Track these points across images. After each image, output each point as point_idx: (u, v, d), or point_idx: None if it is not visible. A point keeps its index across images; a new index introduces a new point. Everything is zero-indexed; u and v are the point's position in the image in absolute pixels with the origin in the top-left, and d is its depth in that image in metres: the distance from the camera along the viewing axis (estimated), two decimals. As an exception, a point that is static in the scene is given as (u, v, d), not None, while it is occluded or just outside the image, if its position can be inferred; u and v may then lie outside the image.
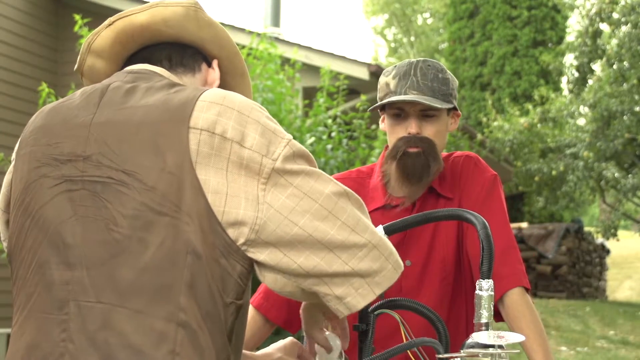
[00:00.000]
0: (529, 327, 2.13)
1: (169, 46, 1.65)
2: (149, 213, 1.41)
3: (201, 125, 1.44)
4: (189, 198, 1.41)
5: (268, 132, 1.47)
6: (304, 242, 1.44)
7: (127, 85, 1.53)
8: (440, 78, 2.28)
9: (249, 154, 1.44)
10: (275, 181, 1.44)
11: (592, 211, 33.06)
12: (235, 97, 1.50)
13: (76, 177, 1.47)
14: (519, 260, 2.24)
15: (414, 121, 2.27)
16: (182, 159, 1.42)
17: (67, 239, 1.45)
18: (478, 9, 20.21)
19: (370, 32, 38.27)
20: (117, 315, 1.39)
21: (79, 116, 1.51)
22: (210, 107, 1.46)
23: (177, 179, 1.41)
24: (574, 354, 9.41)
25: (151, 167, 1.42)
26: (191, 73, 1.65)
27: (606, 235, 14.98)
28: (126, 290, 1.40)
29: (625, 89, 14.08)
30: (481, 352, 1.70)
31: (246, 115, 1.47)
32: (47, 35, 10.18)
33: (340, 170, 7.37)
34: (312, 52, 10.34)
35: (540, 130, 15.79)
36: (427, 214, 2.03)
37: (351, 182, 2.40)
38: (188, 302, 1.39)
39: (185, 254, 1.40)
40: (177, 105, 1.46)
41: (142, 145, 1.44)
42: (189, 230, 1.40)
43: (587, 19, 14.96)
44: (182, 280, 1.39)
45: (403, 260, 2.27)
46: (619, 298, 17.85)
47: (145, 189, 1.42)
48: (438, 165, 2.29)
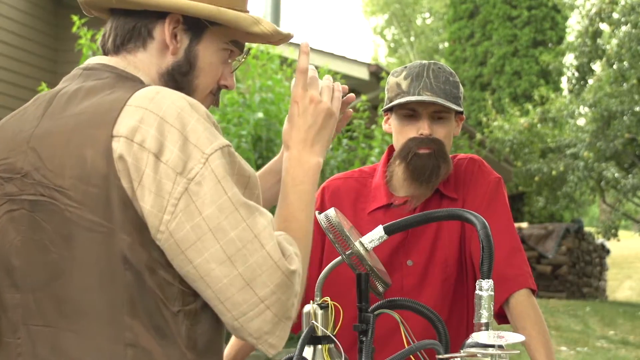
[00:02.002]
0: (532, 328, 2.14)
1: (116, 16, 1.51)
2: (81, 231, 1.34)
3: (122, 132, 1.33)
4: (118, 211, 1.33)
5: (189, 145, 1.33)
6: (196, 282, 1.35)
7: (72, 89, 1.45)
8: (451, 81, 2.29)
9: (163, 170, 1.32)
10: (186, 205, 1.32)
11: (592, 211, 33.07)
12: (164, 100, 1.36)
13: (16, 196, 1.41)
14: (525, 262, 2.24)
15: (426, 122, 2.27)
16: (107, 170, 1.33)
17: (13, 262, 1.40)
18: (478, 9, 20.20)
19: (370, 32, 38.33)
20: (65, 339, 1.36)
21: (23, 130, 1.44)
22: (135, 112, 1.35)
23: (104, 193, 1.33)
24: (574, 354, 9.41)
25: (78, 182, 1.34)
26: (142, 46, 1.49)
27: (606, 235, 14.99)
28: (71, 312, 1.36)
29: (625, 89, 14.08)
30: (481, 352, 1.69)
31: (169, 124, 1.34)
32: (47, 35, 10.18)
33: (340, 170, 7.37)
34: (312, 52, 10.34)
35: (540, 130, 15.79)
36: (428, 213, 2.02)
37: (354, 181, 2.41)
38: (133, 320, 1.34)
39: (123, 270, 1.34)
40: (105, 111, 1.36)
41: (70, 157, 1.36)
42: (123, 246, 1.33)
43: (587, 19, 14.96)
44: (123, 298, 1.34)
45: (404, 260, 2.30)
46: (619, 298, 17.85)
47: (75, 206, 1.34)
48: (447, 167, 2.29)
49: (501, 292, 2.18)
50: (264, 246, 1.35)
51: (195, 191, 1.32)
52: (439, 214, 2.03)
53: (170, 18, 1.48)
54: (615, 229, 14.98)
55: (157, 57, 1.50)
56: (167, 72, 1.51)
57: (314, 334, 1.84)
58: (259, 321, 1.36)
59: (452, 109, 2.26)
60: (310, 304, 1.88)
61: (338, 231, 1.86)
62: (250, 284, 1.34)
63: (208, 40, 1.53)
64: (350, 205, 2.37)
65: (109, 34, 1.52)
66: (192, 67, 1.52)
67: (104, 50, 1.54)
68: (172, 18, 1.48)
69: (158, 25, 1.48)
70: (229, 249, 1.33)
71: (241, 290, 1.34)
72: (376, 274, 1.88)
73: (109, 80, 1.44)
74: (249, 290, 1.34)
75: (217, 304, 1.35)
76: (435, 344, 1.78)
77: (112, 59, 1.51)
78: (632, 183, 13.75)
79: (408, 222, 2.00)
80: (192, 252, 1.33)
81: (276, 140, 7.31)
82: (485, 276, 1.80)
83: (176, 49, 1.49)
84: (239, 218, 1.34)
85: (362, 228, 2.28)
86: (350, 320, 2.04)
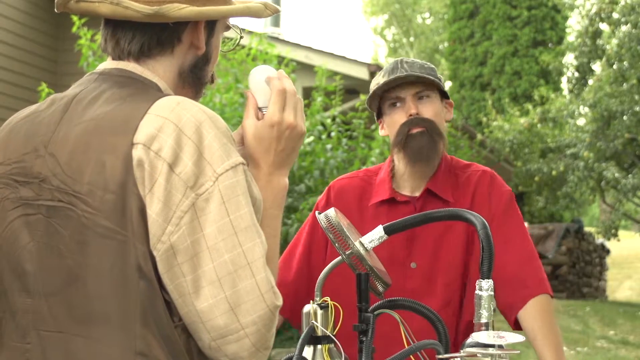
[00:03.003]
0: (547, 327, 2.17)
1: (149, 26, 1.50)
2: (97, 238, 1.35)
3: (140, 140, 1.35)
4: (134, 219, 1.33)
5: (203, 160, 1.35)
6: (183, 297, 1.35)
7: (91, 94, 1.45)
8: (426, 67, 2.38)
9: (175, 181, 1.34)
10: (190, 219, 1.34)
11: (592, 211, 33.07)
12: (185, 112, 1.38)
13: (33, 201, 1.41)
14: (542, 270, 2.29)
15: (411, 102, 2.34)
16: (125, 177, 1.34)
17: (25, 266, 1.41)
18: (478, 9, 20.20)
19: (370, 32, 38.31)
20: (75, 344, 1.36)
21: (39, 134, 1.44)
22: (155, 121, 1.36)
23: (121, 199, 1.34)
24: (574, 354, 9.41)
25: (96, 188, 1.35)
26: (169, 50, 1.51)
27: (607, 235, 14.98)
28: (83, 318, 1.36)
29: (625, 89, 14.07)
30: (481, 352, 1.69)
31: (187, 136, 1.35)
32: (47, 35, 10.18)
33: (340, 170, 7.37)
34: (312, 52, 10.35)
35: (540, 130, 15.78)
36: (428, 213, 2.02)
37: (359, 180, 2.45)
38: (144, 329, 1.35)
39: (137, 279, 1.35)
40: (125, 118, 1.38)
41: (89, 163, 1.37)
42: (138, 254, 1.34)
43: (587, 19, 14.96)
44: (136, 307, 1.35)
45: (408, 263, 2.32)
46: (619, 298, 17.84)
47: (91, 212, 1.35)
48: (443, 141, 2.35)
49: (520, 298, 2.22)
50: (254, 275, 1.36)
51: (201, 207, 1.34)
52: (439, 214, 2.03)
53: (202, 24, 1.53)
54: (615, 229, 14.97)
55: (180, 57, 1.53)
56: (188, 69, 1.55)
57: (314, 334, 1.84)
58: (237, 346, 1.36)
59: (430, 80, 2.33)
60: (310, 304, 1.88)
61: (338, 231, 1.86)
62: (234, 309, 1.35)
63: (217, 31, 1.59)
64: (356, 202, 2.41)
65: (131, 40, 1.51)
66: (209, 59, 1.57)
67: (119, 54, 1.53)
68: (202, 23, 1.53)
69: (187, 29, 1.52)
70: (220, 270, 1.34)
71: (224, 314, 1.35)
72: (376, 274, 1.88)
73: (128, 86, 1.45)
74: (232, 315, 1.35)
75: (198, 323, 1.36)
76: (435, 344, 1.78)
77: (128, 64, 1.51)
78: (632, 183, 13.75)
79: (408, 222, 2.00)
80: (187, 267, 1.34)
81: (276, 140, 7.30)
82: (485, 276, 1.80)
83: (203, 48, 1.55)
84: (236, 242, 1.35)
85: (366, 222, 2.30)
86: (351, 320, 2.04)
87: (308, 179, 7.26)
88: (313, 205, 6.69)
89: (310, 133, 7.58)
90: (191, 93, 1.58)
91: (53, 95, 1.52)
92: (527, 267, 2.23)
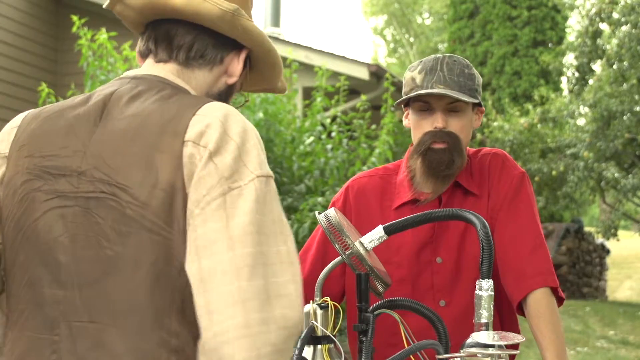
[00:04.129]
0: (546, 327, 2.13)
1: (195, 30, 1.55)
2: (141, 230, 1.36)
3: (189, 137, 1.39)
4: (180, 217, 1.36)
5: (241, 161, 1.39)
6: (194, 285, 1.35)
7: (129, 94, 1.48)
8: (466, 73, 2.28)
9: (212, 168, 1.37)
10: (218, 207, 1.35)
11: (592, 211, 33.05)
12: (231, 116, 1.43)
13: (70, 193, 1.42)
14: (547, 259, 2.23)
15: (440, 115, 2.27)
16: (174, 175, 1.37)
17: (59, 257, 1.41)
18: (478, 9, 20.19)
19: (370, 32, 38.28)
20: (109, 335, 1.36)
21: (77, 128, 1.46)
22: (203, 120, 1.41)
23: (169, 197, 1.36)
24: (574, 354, 9.41)
25: (144, 183, 1.37)
26: (209, 67, 1.56)
27: (606, 235, 14.97)
28: (119, 309, 1.36)
29: (625, 89, 14.07)
30: (481, 352, 1.69)
31: (230, 136, 1.40)
32: (47, 35, 10.18)
33: (340, 170, 7.37)
34: (312, 52, 10.35)
35: (540, 130, 15.77)
36: (428, 213, 2.03)
37: (378, 179, 2.41)
38: (180, 326, 1.36)
39: (178, 276, 1.36)
40: (175, 118, 1.41)
41: (135, 158, 1.39)
42: (181, 252, 1.35)
43: (587, 19, 14.95)
44: (174, 303, 1.36)
45: (433, 258, 2.29)
46: (619, 298, 17.84)
47: (137, 205, 1.37)
48: (462, 160, 2.28)
49: (520, 290, 2.18)
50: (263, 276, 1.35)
51: (232, 199, 1.36)
52: (439, 214, 2.03)
53: (246, 52, 1.59)
54: (615, 229, 14.96)
55: (213, 79, 1.58)
56: (217, 94, 1.59)
57: (314, 334, 1.84)
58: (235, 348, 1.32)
59: (464, 101, 2.25)
60: (310, 304, 1.88)
61: (338, 231, 1.86)
62: (244, 303, 1.32)
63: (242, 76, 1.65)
64: (377, 202, 2.36)
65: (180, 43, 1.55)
66: (232, 92, 1.63)
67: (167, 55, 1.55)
68: (246, 51, 1.60)
69: (231, 53, 1.58)
70: (240, 261, 1.33)
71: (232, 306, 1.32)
72: (376, 274, 1.88)
73: (165, 89, 1.48)
74: (239, 309, 1.32)
75: (204, 313, 1.34)
76: (435, 344, 1.78)
77: (160, 69, 1.54)
78: (632, 183, 13.74)
79: (408, 222, 2.00)
80: (204, 251, 1.34)
81: (276, 140, 7.31)
82: (485, 276, 1.80)
83: (236, 77, 1.60)
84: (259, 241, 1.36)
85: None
86: (351, 319, 2.04)
87: (308, 179, 7.26)
88: (313, 205, 6.68)
89: (311, 133, 7.58)
90: None
91: (85, 94, 1.54)
92: (530, 258, 2.19)
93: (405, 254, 2.29)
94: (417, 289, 2.27)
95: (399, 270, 2.27)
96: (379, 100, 9.59)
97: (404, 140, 9.67)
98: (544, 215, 18.78)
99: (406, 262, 2.28)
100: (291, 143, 7.49)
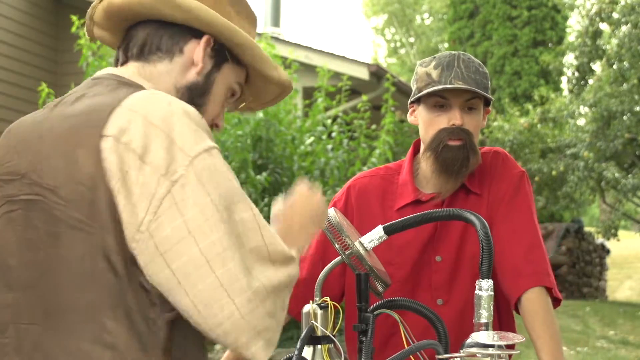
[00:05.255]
0: (540, 327, 2.13)
1: (150, 26, 1.55)
2: (68, 230, 1.36)
3: (111, 132, 1.36)
4: (104, 212, 1.34)
5: (175, 147, 1.34)
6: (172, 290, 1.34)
7: (76, 95, 1.48)
8: (481, 71, 2.27)
9: (148, 171, 1.33)
10: (168, 206, 1.32)
11: (592, 211, 33.05)
12: (156, 103, 1.39)
13: (15, 197, 1.43)
14: (543, 259, 2.23)
15: (458, 112, 2.24)
16: (95, 169, 1.35)
17: (9, 261, 1.42)
18: (478, 9, 20.19)
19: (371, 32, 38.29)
20: (47, 337, 1.37)
21: (27, 133, 1.47)
22: (126, 114, 1.37)
23: (90, 192, 1.35)
24: (574, 354, 9.41)
25: (67, 181, 1.37)
26: (168, 58, 1.54)
27: (606, 235, 14.97)
28: (53, 310, 1.37)
29: (625, 89, 14.06)
30: (481, 352, 1.69)
31: (156, 126, 1.35)
32: (47, 35, 10.18)
33: (341, 170, 7.37)
34: (312, 52, 10.35)
35: (540, 130, 15.77)
36: (427, 213, 2.02)
37: (380, 179, 2.39)
38: (113, 322, 1.35)
39: (106, 271, 1.35)
40: (97, 112, 1.39)
41: (62, 158, 1.38)
42: (107, 246, 1.34)
43: (587, 19, 14.95)
44: (105, 299, 1.35)
45: (433, 256, 2.29)
46: (619, 298, 17.84)
47: (63, 204, 1.36)
48: (477, 159, 2.27)
49: (516, 289, 2.17)
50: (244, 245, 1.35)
51: (178, 193, 1.32)
52: (439, 214, 2.03)
53: (207, 38, 1.54)
54: (615, 229, 14.96)
55: (179, 71, 1.55)
56: (186, 88, 1.55)
57: (314, 334, 1.84)
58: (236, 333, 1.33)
59: (485, 96, 2.24)
60: (310, 304, 1.88)
61: (338, 231, 1.86)
62: (227, 289, 1.32)
63: (225, 73, 1.59)
64: (378, 203, 2.35)
65: (135, 41, 1.56)
66: (207, 92, 1.57)
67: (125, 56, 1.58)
68: (208, 39, 1.55)
69: (191, 42, 1.55)
70: (208, 252, 1.32)
71: (217, 297, 1.32)
72: (376, 274, 1.88)
73: (111, 86, 1.47)
74: (226, 297, 1.32)
75: (194, 313, 1.33)
76: (435, 344, 1.78)
77: (121, 69, 1.55)
78: (632, 183, 13.74)
79: (408, 222, 2.00)
80: (170, 255, 1.32)
81: (276, 140, 7.31)
82: (484, 276, 1.80)
83: (202, 70, 1.55)
84: (218, 218, 1.33)
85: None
86: (351, 320, 2.04)
87: (308, 179, 7.26)
88: (313, 205, 6.68)
89: (311, 134, 7.58)
90: None
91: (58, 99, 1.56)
92: (527, 257, 2.19)
93: (408, 254, 2.28)
94: (415, 287, 2.27)
95: (400, 271, 2.26)
96: (379, 100, 9.60)
97: (404, 140, 9.68)
98: (544, 215, 18.79)
99: (408, 263, 2.27)
100: (292, 143, 7.49)
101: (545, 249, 2.29)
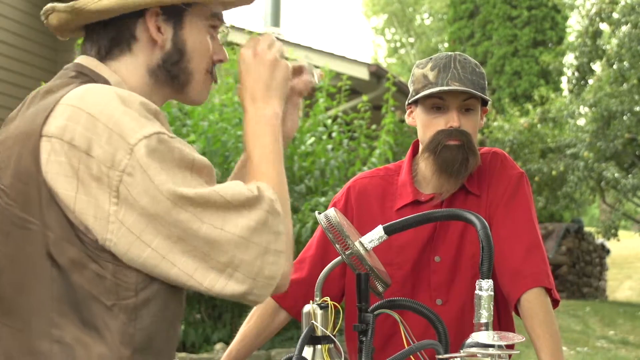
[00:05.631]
0: (540, 327, 2.13)
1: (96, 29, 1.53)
2: (14, 228, 1.39)
3: (52, 132, 1.37)
4: (44, 209, 1.36)
5: (115, 137, 1.35)
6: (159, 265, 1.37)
7: (44, 89, 1.49)
8: (477, 72, 2.27)
9: (96, 165, 1.35)
10: (125, 196, 1.35)
11: (592, 211, 33.05)
12: (92, 96, 1.39)
13: None
14: (543, 260, 2.22)
15: (455, 113, 2.25)
16: (34, 168, 1.36)
17: None
18: (478, 9, 20.19)
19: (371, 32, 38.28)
20: (3, 334, 1.41)
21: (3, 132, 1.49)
22: (64, 110, 1.38)
23: (32, 191, 1.37)
24: (574, 354, 9.41)
25: (15, 180, 1.39)
26: (127, 50, 1.51)
27: (607, 235, 14.97)
28: (8, 308, 1.41)
29: (625, 89, 14.07)
30: (481, 352, 1.69)
31: (95, 118, 1.36)
32: (47, 35, 10.17)
33: (341, 170, 7.37)
34: (312, 52, 10.35)
35: (540, 130, 15.77)
36: (427, 213, 2.02)
37: (379, 180, 2.39)
38: (60, 316, 1.37)
39: (49, 267, 1.37)
40: (42, 112, 1.40)
41: (13, 156, 1.41)
42: (48, 242, 1.37)
43: (587, 19, 14.95)
44: (50, 294, 1.37)
45: (432, 256, 2.29)
46: (619, 298, 17.84)
47: (11, 204, 1.39)
48: (476, 159, 2.27)
49: (515, 290, 2.17)
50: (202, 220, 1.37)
51: (129, 182, 1.34)
52: (439, 214, 2.03)
53: (149, 13, 1.50)
54: (615, 229, 14.96)
55: (144, 55, 1.52)
56: (157, 66, 1.53)
57: (314, 334, 1.84)
58: (232, 285, 1.39)
59: (481, 97, 2.25)
60: (310, 304, 1.88)
61: (338, 231, 1.86)
62: (209, 254, 1.37)
63: (190, 22, 1.54)
64: (378, 203, 2.35)
65: (90, 48, 1.54)
66: (182, 54, 1.54)
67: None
68: (152, 13, 1.50)
69: (138, 24, 1.51)
70: (173, 232, 1.36)
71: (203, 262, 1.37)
72: (376, 274, 1.88)
73: (68, 79, 1.47)
74: (210, 260, 1.37)
75: (188, 279, 1.38)
76: (435, 344, 1.78)
77: (88, 58, 1.53)
78: (632, 183, 13.74)
79: (408, 222, 2.00)
80: (147, 236, 1.35)
81: (276, 141, 7.29)
82: (484, 276, 1.80)
83: (163, 42, 1.52)
84: (169, 205, 1.35)
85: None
86: (351, 320, 2.04)
87: (308, 179, 7.26)
88: (315, 205, 6.69)
89: (312, 134, 7.58)
90: (168, 91, 1.57)
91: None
92: (526, 258, 2.19)
93: (407, 254, 2.28)
94: (415, 287, 2.27)
95: (399, 271, 2.27)
96: (379, 100, 9.60)
97: (404, 140, 9.68)
98: (544, 215, 18.79)
99: (409, 263, 2.28)
100: (292, 143, 7.49)
101: (545, 249, 2.29)
